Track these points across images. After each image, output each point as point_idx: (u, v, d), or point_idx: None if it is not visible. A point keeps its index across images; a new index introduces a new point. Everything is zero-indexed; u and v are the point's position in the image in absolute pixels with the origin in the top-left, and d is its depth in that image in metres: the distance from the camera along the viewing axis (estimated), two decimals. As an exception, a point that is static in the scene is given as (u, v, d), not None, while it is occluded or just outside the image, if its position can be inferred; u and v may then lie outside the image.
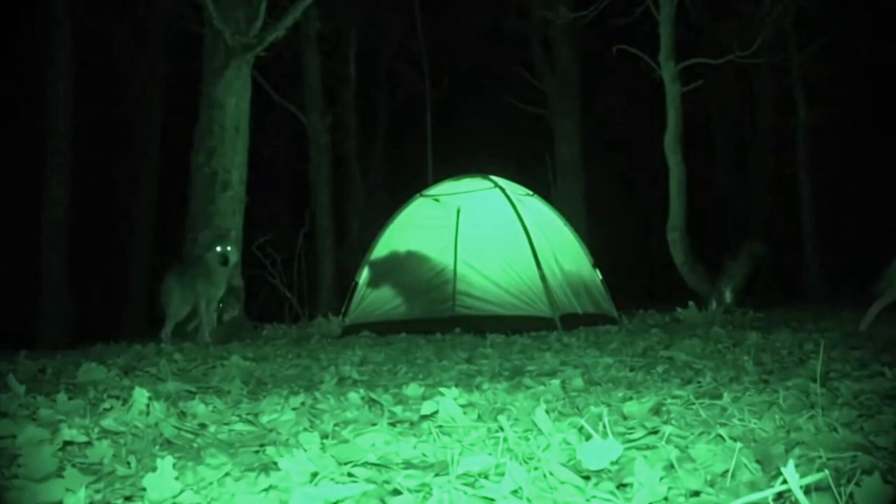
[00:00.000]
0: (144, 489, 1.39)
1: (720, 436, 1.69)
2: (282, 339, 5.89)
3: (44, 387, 2.78)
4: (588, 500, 1.32)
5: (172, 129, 11.94)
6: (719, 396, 2.20)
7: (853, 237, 13.37)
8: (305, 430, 1.96)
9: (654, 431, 1.75)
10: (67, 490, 1.42)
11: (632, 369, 3.08)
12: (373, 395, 2.42)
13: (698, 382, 2.60)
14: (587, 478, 1.43)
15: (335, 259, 11.93)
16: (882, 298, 5.31)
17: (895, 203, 12.87)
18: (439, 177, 7.97)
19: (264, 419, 2.10)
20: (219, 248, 5.69)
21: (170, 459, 1.44)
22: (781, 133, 13.54)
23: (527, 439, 1.73)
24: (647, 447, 1.64)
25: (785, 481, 1.19)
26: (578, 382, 2.61)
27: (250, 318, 7.01)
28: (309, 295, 10.66)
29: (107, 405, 2.23)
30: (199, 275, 5.74)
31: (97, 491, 1.46)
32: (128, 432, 1.92)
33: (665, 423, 1.87)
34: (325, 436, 1.85)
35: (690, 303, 6.63)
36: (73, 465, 1.59)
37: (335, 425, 1.98)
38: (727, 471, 1.42)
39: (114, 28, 12.59)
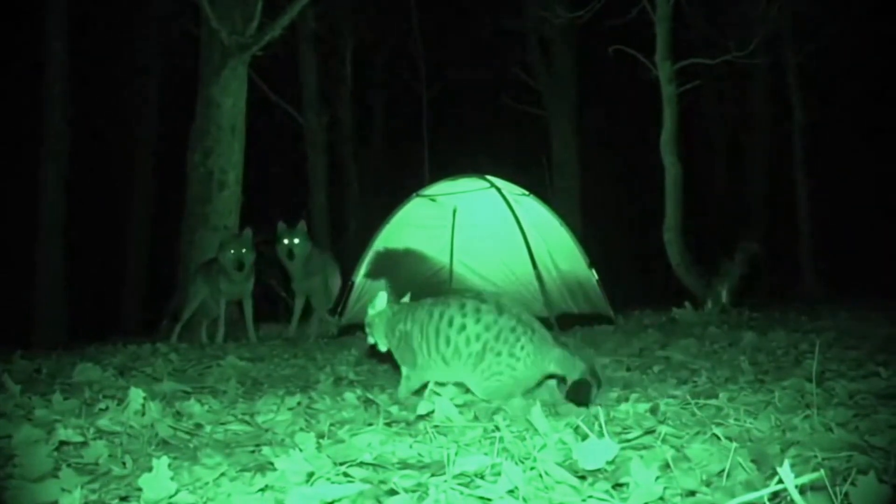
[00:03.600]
0: (140, 489, 1.39)
1: (716, 435, 1.70)
2: (278, 338, 5.89)
3: (39, 387, 2.77)
4: (584, 500, 1.32)
5: (169, 129, 11.92)
6: (715, 396, 2.21)
7: (850, 237, 13.40)
8: (301, 430, 1.96)
9: (651, 431, 1.76)
10: (63, 490, 1.42)
11: (628, 369, 3.09)
12: (369, 395, 2.42)
13: (694, 382, 2.61)
14: (583, 478, 1.43)
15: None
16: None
17: (892, 203, 12.91)
18: (436, 177, 7.96)
19: (260, 419, 2.10)
20: (232, 251, 5.68)
21: (165, 459, 1.43)
22: (778, 133, 13.56)
23: (523, 439, 1.73)
24: (644, 447, 1.64)
25: (781, 481, 1.19)
26: (575, 382, 2.60)
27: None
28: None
29: (102, 405, 2.23)
30: (221, 273, 5.79)
31: (93, 491, 1.46)
32: (123, 432, 1.92)
33: (661, 422, 1.88)
34: (321, 436, 1.85)
35: (686, 303, 6.63)
36: (69, 466, 1.59)
37: (331, 425, 1.98)
38: (723, 470, 1.42)
39: (110, 28, 12.56)
